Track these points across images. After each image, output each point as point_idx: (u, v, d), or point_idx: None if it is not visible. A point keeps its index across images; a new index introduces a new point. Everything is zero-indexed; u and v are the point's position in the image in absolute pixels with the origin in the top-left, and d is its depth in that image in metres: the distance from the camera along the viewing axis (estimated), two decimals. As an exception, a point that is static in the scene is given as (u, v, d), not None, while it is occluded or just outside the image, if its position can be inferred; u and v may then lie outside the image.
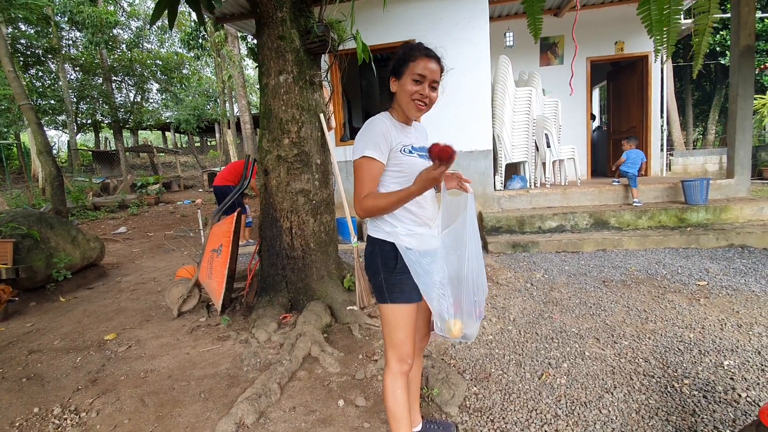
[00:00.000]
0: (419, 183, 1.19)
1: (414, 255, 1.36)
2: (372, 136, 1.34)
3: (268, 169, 3.25)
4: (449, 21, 5.57)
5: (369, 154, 1.32)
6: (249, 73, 23.83)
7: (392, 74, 1.42)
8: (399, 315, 1.41)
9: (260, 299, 3.26)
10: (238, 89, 12.59)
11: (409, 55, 1.37)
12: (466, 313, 1.36)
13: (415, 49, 1.38)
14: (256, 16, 3.21)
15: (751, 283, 3.32)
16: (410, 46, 1.41)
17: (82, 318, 3.57)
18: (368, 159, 1.33)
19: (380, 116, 1.41)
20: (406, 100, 1.38)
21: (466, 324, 1.35)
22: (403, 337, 1.43)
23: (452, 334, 1.34)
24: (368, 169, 1.33)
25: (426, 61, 1.36)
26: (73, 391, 2.35)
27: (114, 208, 10.63)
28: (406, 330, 1.42)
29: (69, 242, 4.57)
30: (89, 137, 28.05)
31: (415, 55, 1.37)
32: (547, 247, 4.75)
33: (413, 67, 1.36)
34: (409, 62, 1.37)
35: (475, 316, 1.38)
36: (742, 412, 1.82)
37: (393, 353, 1.45)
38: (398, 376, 1.45)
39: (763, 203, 4.94)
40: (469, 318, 1.36)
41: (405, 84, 1.37)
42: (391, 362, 1.45)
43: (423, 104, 1.38)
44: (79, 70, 17.55)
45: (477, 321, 1.39)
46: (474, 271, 1.36)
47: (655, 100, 7.26)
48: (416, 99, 1.37)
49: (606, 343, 2.52)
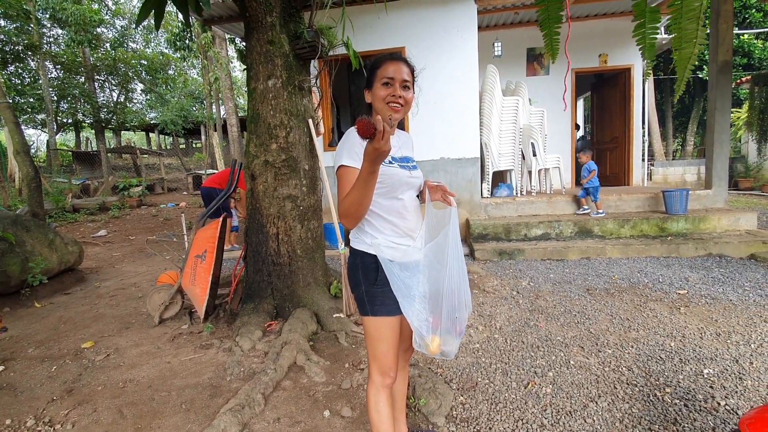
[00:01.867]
0: (364, 159, 1.14)
1: (395, 268, 1.35)
2: (349, 144, 1.35)
3: (255, 174, 3.21)
4: (440, 29, 5.63)
5: (345, 162, 1.33)
6: (236, 76, 23.60)
7: (366, 87, 1.45)
8: (381, 327, 1.39)
9: (245, 306, 3.20)
10: (225, 92, 12.46)
11: (376, 64, 1.42)
12: (445, 329, 1.33)
13: (381, 58, 1.42)
14: (245, 20, 3.19)
15: (729, 292, 3.41)
16: (377, 57, 1.45)
17: (58, 325, 3.45)
18: (345, 168, 1.33)
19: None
20: (380, 105, 1.39)
21: (444, 341, 1.33)
22: (386, 350, 1.41)
23: (430, 350, 1.32)
24: (345, 177, 1.33)
25: (392, 64, 1.39)
26: (47, 402, 2.26)
27: (94, 210, 10.36)
28: (388, 343, 1.40)
29: (46, 246, 4.43)
30: (70, 137, 27.37)
31: (381, 61, 1.41)
32: (533, 255, 4.80)
33: (381, 73, 1.39)
34: (377, 69, 1.41)
35: (455, 333, 1.35)
36: (721, 420, 1.85)
37: (375, 366, 1.43)
38: (381, 389, 1.43)
39: (740, 214, 5.09)
40: (448, 335, 1.34)
41: (377, 90, 1.40)
42: (374, 375, 1.44)
43: (398, 105, 1.39)
44: (60, 68, 17.13)
45: (457, 338, 1.37)
46: (455, 287, 1.34)
47: (637, 111, 7.46)
48: (390, 101, 1.38)
49: (590, 352, 2.54)
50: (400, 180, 1.40)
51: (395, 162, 1.42)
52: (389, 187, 1.37)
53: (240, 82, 24.03)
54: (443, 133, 5.75)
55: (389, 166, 1.39)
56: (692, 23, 1.32)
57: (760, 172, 10.82)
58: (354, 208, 1.25)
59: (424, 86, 5.68)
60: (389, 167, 1.39)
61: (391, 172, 1.39)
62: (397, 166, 1.41)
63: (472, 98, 5.73)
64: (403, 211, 1.41)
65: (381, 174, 1.35)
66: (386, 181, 1.37)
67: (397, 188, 1.39)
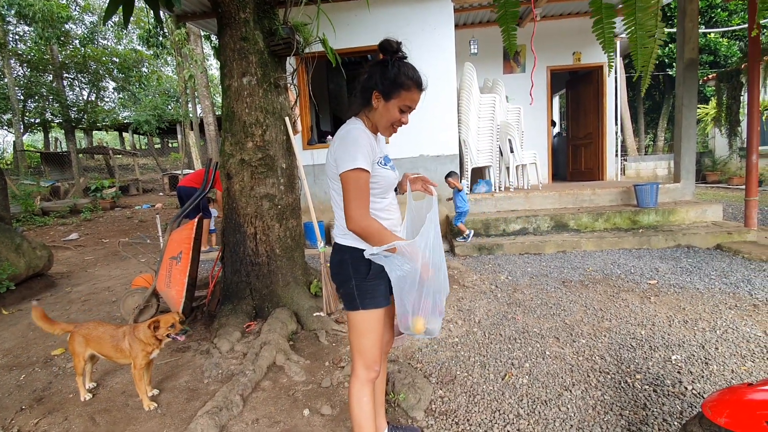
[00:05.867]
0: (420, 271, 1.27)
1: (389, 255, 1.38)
2: (361, 147, 1.31)
3: (231, 173, 3.17)
4: (417, 27, 5.65)
5: (362, 165, 1.29)
6: (213, 74, 23.14)
7: (379, 90, 1.35)
8: (369, 321, 1.43)
9: (223, 307, 3.16)
10: (201, 89, 12.20)
11: (404, 83, 1.33)
12: (429, 311, 1.39)
13: (410, 78, 1.34)
14: (218, 16, 3.13)
15: (696, 281, 3.55)
16: (405, 66, 1.35)
17: (26, 332, 3.33)
18: (361, 171, 1.30)
19: (359, 126, 1.39)
20: (386, 123, 1.39)
21: (428, 320, 1.39)
22: (371, 343, 1.44)
23: (416, 329, 1.38)
24: (362, 182, 1.31)
25: (418, 94, 1.37)
26: (16, 412, 2.19)
27: (65, 213, 10.00)
28: (373, 336, 1.44)
29: (12, 251, 4.26)
30: (38, 137, 26.32)
31: (410, 84, 1.34)
32: (511, 249, 4.88)
33: (405, 97, 1.35)
34: (402, 90, 1.34)
35: (438, 312, 1.41)
36: (688, 404, 1.93)
37: (360, 361, 1.45)
38: (365, 383, 1.45)
39: (706, 206, 5.30)
40: (432, 315, 1.40)
41: (391, 109, 1.36)
42: (359, 370, 1.46)
43: (397, 130, 1.44)
44: (27, 66, 16.43)
45: (439, 318, 1.42)
46: (436, 269, 1.39)
47: (610, 108, 7.66)
48: (396, 125, 1.41)
49: (565, 342, 2.61)
50: (391, 181, 1.47)
51: (387, 164, 1.47)
52: (383, 188, 1.44)
53: (216, 80, 23.54)
54: (422, 131, 5.78)
55: (384, 168, 1.43)
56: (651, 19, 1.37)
57: (726, 165, 11.28)
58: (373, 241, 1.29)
59: (402, 84, 5.69)
60: (384, 169, 1.43)
61: (387, 174, 1.44)
62: (388, 168, 1.46)
63: (450, 96, 5.78)
64: (390, 207, 1.50)
65: (378, 176, 1.41)
66: (381, 182, 1.42)
67: (388, 189, 1.47)
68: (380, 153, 1.44)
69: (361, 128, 1.38)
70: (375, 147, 1.40)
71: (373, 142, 1.40)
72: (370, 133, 1.42)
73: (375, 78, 1.35)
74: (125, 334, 2.13)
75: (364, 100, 1.40)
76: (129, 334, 2.12)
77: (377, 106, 1.37)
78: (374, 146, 1.39)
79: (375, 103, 1.37)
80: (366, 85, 1.38)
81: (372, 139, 1.40)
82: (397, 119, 1.38)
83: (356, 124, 1.39)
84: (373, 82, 1.36)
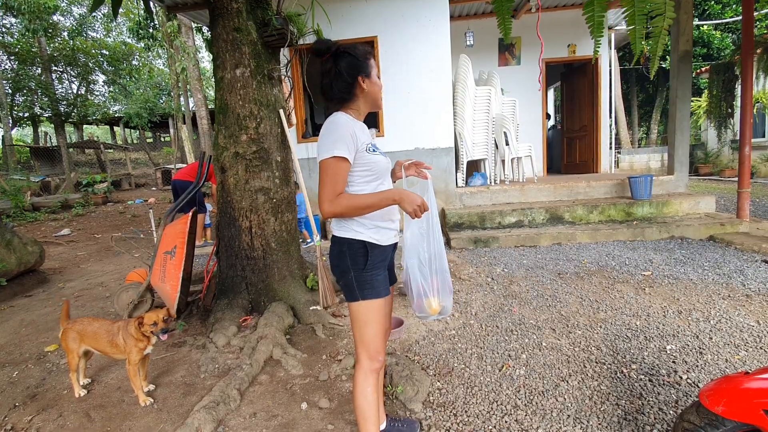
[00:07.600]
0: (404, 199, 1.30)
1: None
2: (340, 135, 1.33)
3: (225, 167, 3.13)
4: (412, 19, 5.59)
5: (339, 153, 1.31)
6: (205, 66, 22.82)
7: (363, 73, 1.42)
8: (370, 311, 1.44)
9: (219, 302, 3.14)
10: (193, 82, 12.03)
11: (364, 53, 1.44)
12: (439, 289, 1.45)
13: (359, 48, 1.45)
14: (210, 6, 3.07)
15: (690, 272, 3.58)
16: (347, 47, 1.43)
17: (19, 329, 3.29)
18: (339, 159, 1.32)
19: (342, 115, 1.40)
20: (378, 95, 1.48)
21: (441, 299, 1.45)
22: (374, 333, 1.45)
23: (432, 310, 1.44)
24: (339, 169, 1.32)
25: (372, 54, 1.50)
26: (9, 409, 2.16)
27: (56, 208, 9.87)
28: (376, 326, 1.45)
29: (3, 247, 4.19)
30: (27, 132, 25.89)
31: (365, 51, 1.45)
32: (507, 242, 4.89)
33: (372, 63, 1.46)
34: (371, 59, 1.45)
35: (448, 290, 1.48)
36: (683, 393, 1.95)
37: (364, 351, 1.46)
38: (370, 374, 1.46)
39: (699, 198, 5.34)
40: (443, 293, 1.46)
41: (374, 80, 1.45)
42: (363, 361, 1.47)
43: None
44: (14, 59, 16.11)
45: (449, 295, 1.49)
46: (439, 251, 1.46)
47: (605, 101, 7.66)
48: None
49: (561, 333, 2.62)
50: (384, 167, 1.46)
51: (377, 150, 1.46)
52: (377, 174, 1.43)
53: (209, 73, 23.24)
54: (417, 124, 5.76)
55: (374, 153, 1.43)
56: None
57: (719, 158, 11.37)
58: (357, 212, 1.35)
59: (396, 77, 5.66)
60: (374, 155, 1.42)
61: (378, 158, 1.43)
62: (379, 153, 1.45)
63: (446, 88, 5.75)
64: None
65: (370, 162, 1.42)
66: (374, 168, 1.42)
67: (382, 175, 1.46)
68: (368, 140, 1.43)
69: (345, 117, 1.40)
70: (359, 135, 1.38)
71: (356, 130, 1.38)
72: (356, 121, 1.43)
73: (351, 68, 1.40)
74: (120, 329, 2.11)
75: (347, 95, 1.43)
76: (123, 329, 2.10)
77: (366, 87, 1.43)
78: (357, 134, 1.37)
79: (363, 87, 1.43)
80: (348, 81, 1.41)
81: (356, 127, 1.39)
82: (381, 84, 1.49)
83: (340, 114, 1.41)
84: (353, 71, 1.40)
